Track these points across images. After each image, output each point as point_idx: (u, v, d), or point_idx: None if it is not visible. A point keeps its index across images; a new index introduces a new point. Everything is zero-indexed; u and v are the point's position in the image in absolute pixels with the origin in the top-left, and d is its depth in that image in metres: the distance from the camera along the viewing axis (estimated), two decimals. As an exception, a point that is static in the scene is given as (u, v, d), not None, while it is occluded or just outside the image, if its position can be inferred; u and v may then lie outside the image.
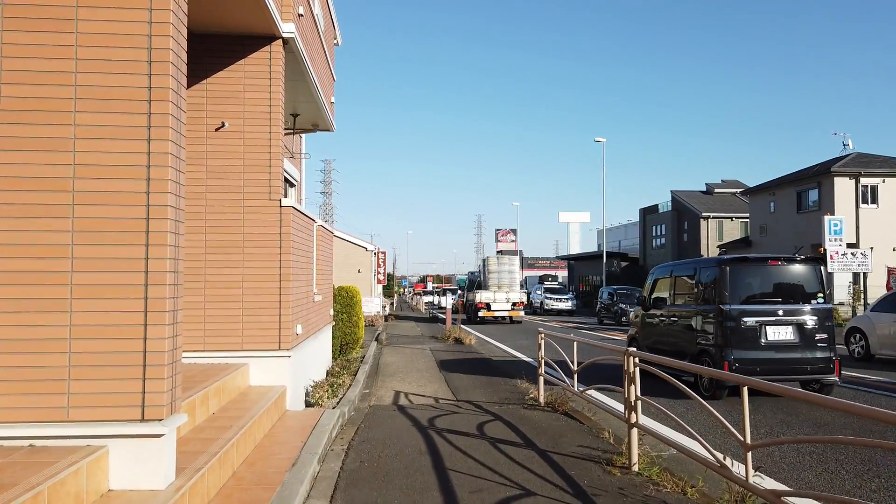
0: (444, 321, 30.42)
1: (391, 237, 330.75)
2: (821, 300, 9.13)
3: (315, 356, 8.89)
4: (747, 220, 47.91)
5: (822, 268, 9.52)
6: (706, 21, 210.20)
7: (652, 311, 10.94)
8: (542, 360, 8.54)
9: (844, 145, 36.19)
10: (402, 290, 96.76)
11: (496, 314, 28.29)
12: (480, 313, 28.01)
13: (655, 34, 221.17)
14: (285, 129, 11.04)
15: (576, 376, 7.16)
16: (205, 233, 6.71)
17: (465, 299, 32.27)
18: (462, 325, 22.13)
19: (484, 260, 31.35)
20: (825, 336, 8.88)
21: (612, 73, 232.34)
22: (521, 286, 64.11)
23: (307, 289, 7.99)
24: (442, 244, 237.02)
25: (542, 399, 8.49)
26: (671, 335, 10.37)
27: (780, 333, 8.87)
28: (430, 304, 50.05)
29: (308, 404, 7.78)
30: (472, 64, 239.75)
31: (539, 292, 42.86)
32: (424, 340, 19.90)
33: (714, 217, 49.05)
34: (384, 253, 37.11)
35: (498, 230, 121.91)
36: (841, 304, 29.42)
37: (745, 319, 8.80)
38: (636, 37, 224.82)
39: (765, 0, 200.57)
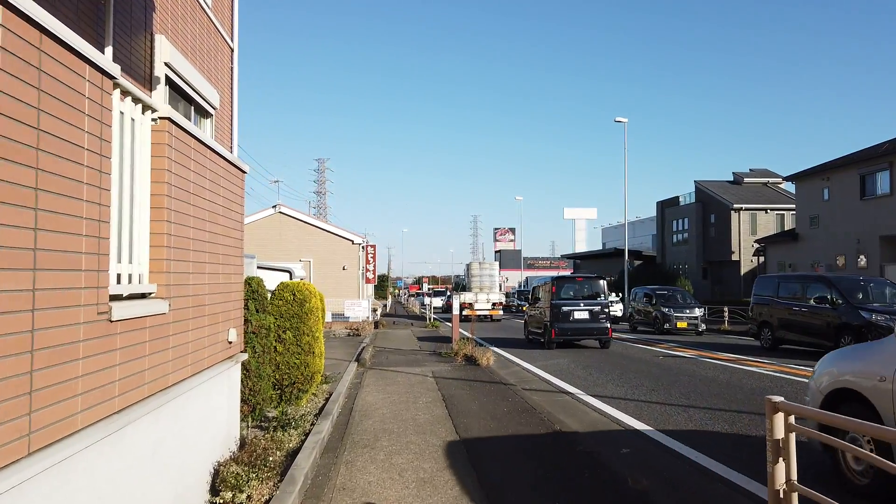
0: (439, 321, 30.24)
1: (387, 237, 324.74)
2: (602, 298, 17.63)
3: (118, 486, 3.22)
4: (783, 212, 42.47)
5: (604, 281, 18.26)
6: (704, 18, 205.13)
7: (534, 306, 19.27)
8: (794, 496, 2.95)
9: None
10: (397, 291, 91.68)
11: (478, 313, 31.61)
12: (464, 312, 30.11)
13: (656, 31, 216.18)
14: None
15: None
16: None
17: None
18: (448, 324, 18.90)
19: (468, 265, 35.05)
20: (604, 316, 17.20)
21: (613, 73, 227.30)
22: (520, 287, 62.00)
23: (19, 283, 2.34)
24: (438, 244, 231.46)
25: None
26: (538, 318, 18.54)
27: (581, 314, 17.12)
28: (422, 305, 48.44)
29: None
30: (473, 59, 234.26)
31: None
32: (424, 359, 14.65)
33: (746, 209, 43.20)
34: (373, 247, 31.31)
35: (496, 229, 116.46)
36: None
37: (563, 308, 17.17)
38: (634, 36, 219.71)
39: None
